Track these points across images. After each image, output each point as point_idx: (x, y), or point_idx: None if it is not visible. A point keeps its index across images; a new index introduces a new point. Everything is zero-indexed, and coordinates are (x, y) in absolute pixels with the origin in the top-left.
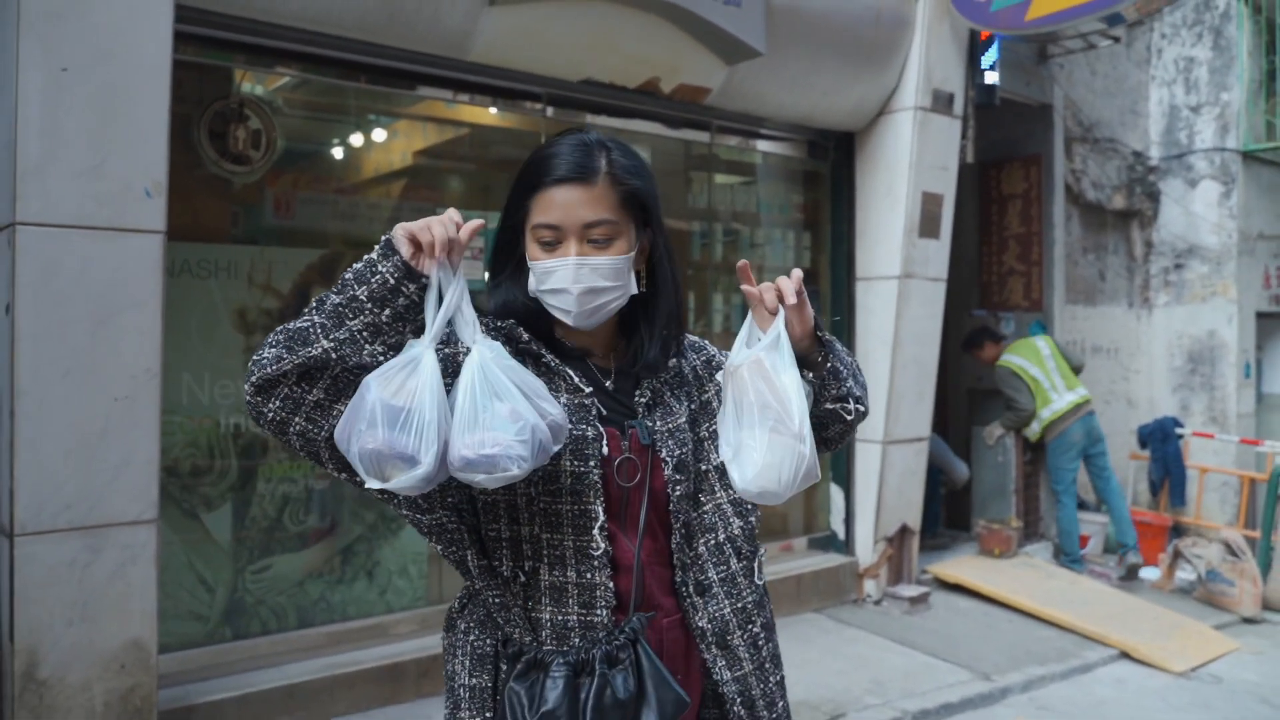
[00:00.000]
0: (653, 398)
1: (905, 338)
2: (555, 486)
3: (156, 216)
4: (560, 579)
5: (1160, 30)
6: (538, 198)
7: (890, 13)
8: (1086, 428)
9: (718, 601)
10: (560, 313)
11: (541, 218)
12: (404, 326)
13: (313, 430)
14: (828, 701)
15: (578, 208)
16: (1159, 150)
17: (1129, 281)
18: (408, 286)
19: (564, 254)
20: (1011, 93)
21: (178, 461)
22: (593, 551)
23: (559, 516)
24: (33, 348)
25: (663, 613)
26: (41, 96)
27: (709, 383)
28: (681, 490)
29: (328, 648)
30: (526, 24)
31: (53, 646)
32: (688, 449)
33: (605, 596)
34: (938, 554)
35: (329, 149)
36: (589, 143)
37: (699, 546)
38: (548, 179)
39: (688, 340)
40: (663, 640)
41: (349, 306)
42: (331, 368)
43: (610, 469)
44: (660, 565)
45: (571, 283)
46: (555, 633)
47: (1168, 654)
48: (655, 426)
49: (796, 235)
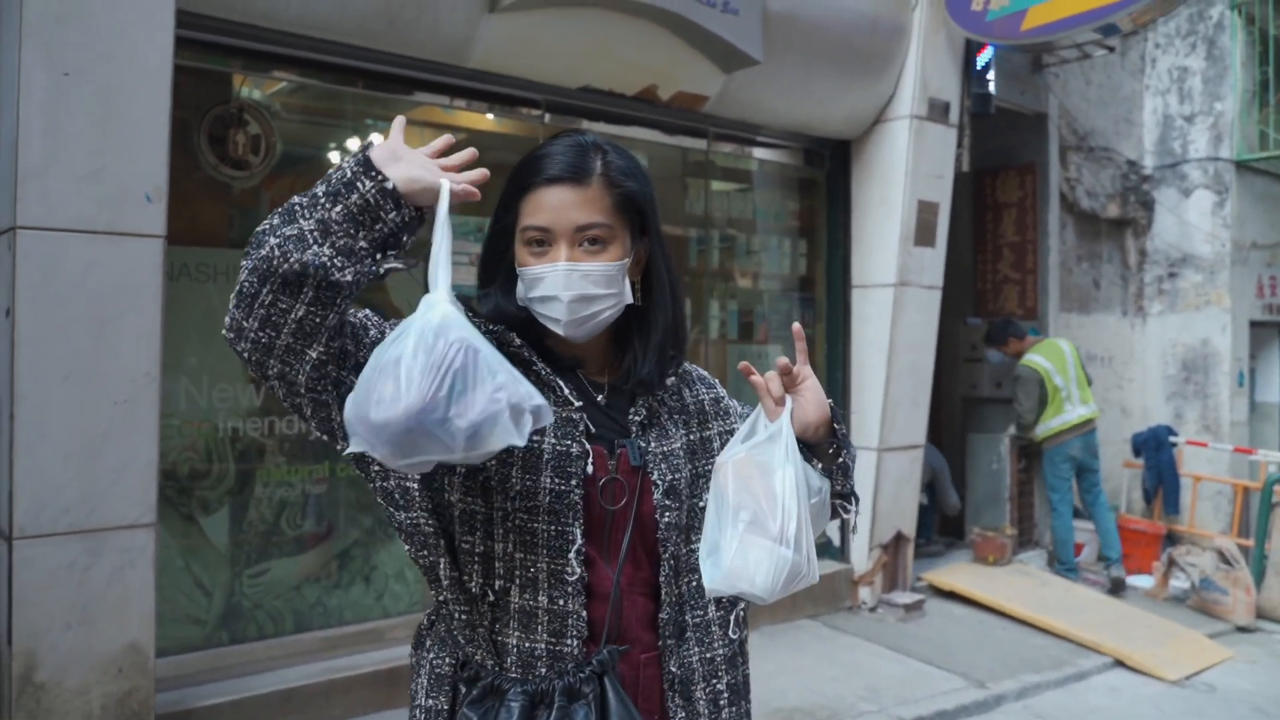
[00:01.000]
0: (648, 417)
1: (901, 345)
2: (533, 504)
3: (156, 221)
4: (530, 603)
5: (1155, 40)
6: (528, 199)
7: (887, 22)
8: (1086, 444)
9: (688, 647)
10: (549, 321)
11: (531, 219)
12: (357, 233)
13: (290, 372)
14: (822, 709)
15: (569, 210)
16: (1153, 159)
17: (1123, 290)
18: (393, 212)
19: (554, 259)
20: (1007, 102)
21: (176, 465)
22: (567, 577)
23: (534, 536)
24: (33, 351)
25: (640, 647)
26: (43, 100)
27: (713, 420)
28: (671, 518)
29: (324, 652)
30: (525, 31)
31: (51, 650)
32: (681, 476)
33: (577, 626)
34: (933, 561)
35: (327, 154)
36: (584, 144)
37: (683, 585)
38: (539, 179)
39: (697, 372)
40: (639, 677)
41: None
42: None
43: (594, 489)
44: (642, 596)
45: (561, 289)
46: (520, 660)
47: (1161, 662)
48: (649, 447)
49: (792, 242)
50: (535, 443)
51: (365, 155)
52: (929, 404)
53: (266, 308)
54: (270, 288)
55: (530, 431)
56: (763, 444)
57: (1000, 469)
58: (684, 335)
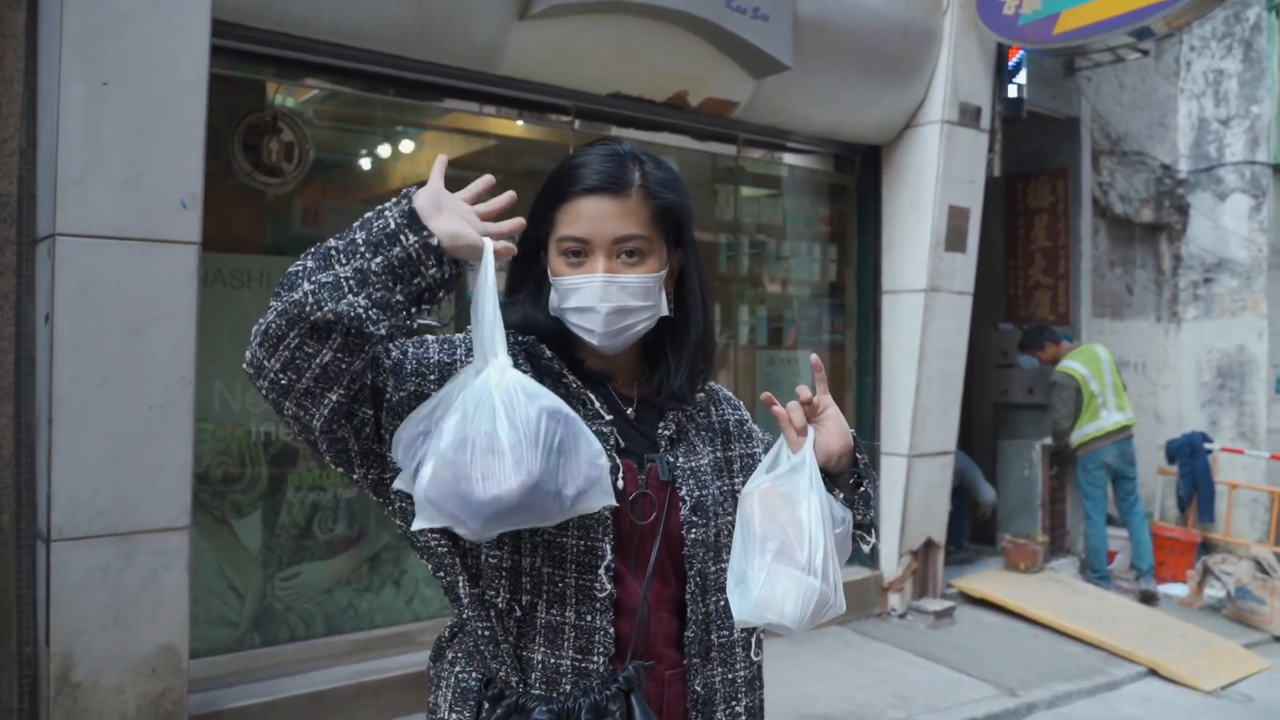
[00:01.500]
0: (677, 432)
1: (931, 351)
2: None
3: (192, 227)
4: (558, 619)
5: (1189, 43)
6: (565, 208)
7: (918, 27)
8: (1121, 451)
9: (713, 667)
10: (584, 333)
11: (568, 230)
12: (395, 285)
13: (306, 415)
14: (850, 715)
15: (608, 221)
16: (1188, 163)
17: (1157, 295)
18: (436, 268)
19: (591, 270)
20: (1038, 106)
21: (209, 469)
22: (597, 593)
23: (563, 551)
24: (71, 356)
25: (665, 664)
26: (82, 110)
27: (735, 442)
28: (699, 534)
29: (354, 655)
30: (556, 38)
31: (87, 650)
32: (709, 492)
33: (604, 643)
34: (963, 568)
35: (359, 160)
36: (622, 153)
37: (710, 604)
38: (576, 188)
39: (723, 392)
40: (664, 694)
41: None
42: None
43: (623, 504)
44: (668, 613)
45: (599, 301)
46: (545, 676)
47: (1196, 672)
48: (677, 462)
49: (822, 248)
50: None
51: (410, 207)
52: (959, 410)
53: (292, 350)
54: (298, 332)
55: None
56: (787, 474)
57: (1032, 475)
58: (713, 348)
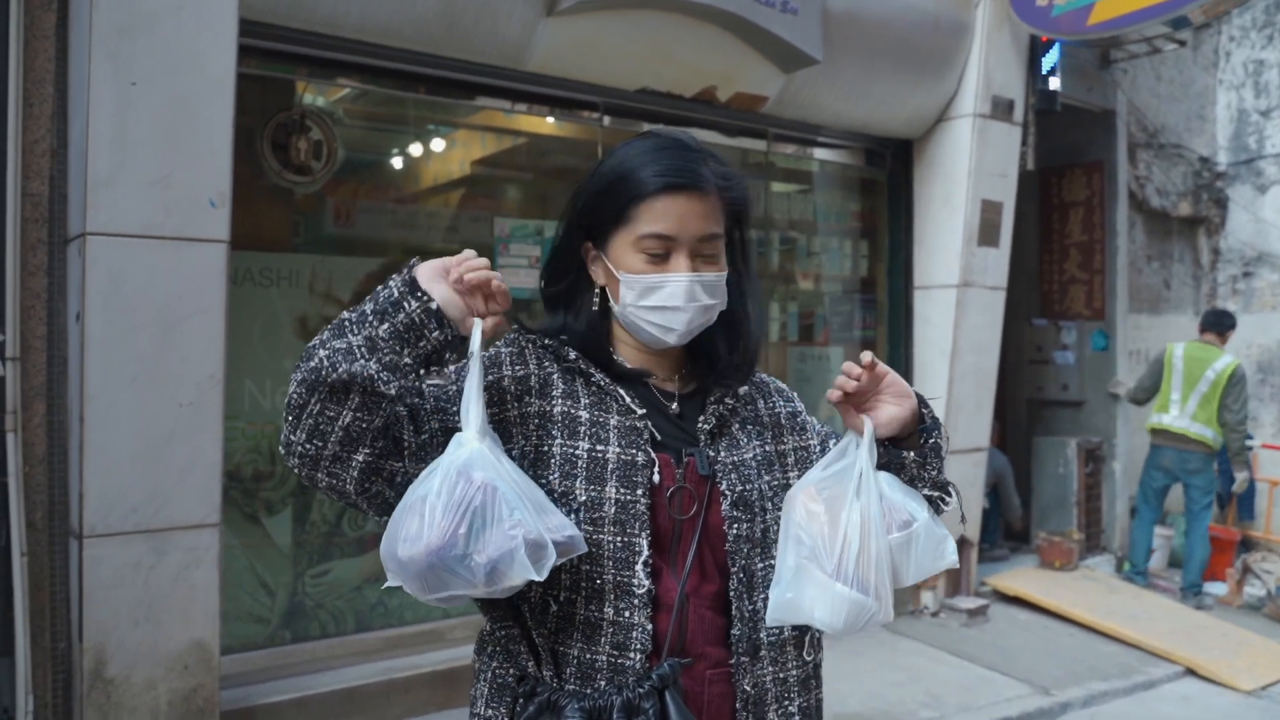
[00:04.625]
0: (718, 425)
1: (964, 347)
2: (598, 515)
3: (221, 226)
4: (595, 615)
5: (1229, 33)
6: (644, 206)
7: (949, 19)
8: (1180, 460)
9: (763, 666)
10: (661, 330)
11: (652, 227)
12: (404, 350)
13: (338, 482)
14: (881, 714)
15: (693, 219)
16: (1227, 156)
17: (1195, 290)
18: (438, 332)
19: (675, 268)
20: (1073, 98)
21: (240, 466)
22: (635, 589)
23: (600, 548)
24: (102, 354)
25: (707, 663)
26: (112, 110)
27: (788, 435)
28: (741, 530)
29: (385, 652)
30: (583, 34)
31: (119, 646)
32: (752, 486)
33: (641, 639)
34: (997, 566)
35: (388, 159)
36: (692, 148)
37: (758, 601)
38: (658, 184)
39: (775, 384)
40: (704, 694)
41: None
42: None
43: (661, 498)
44: (711, 610)
45: (685, 300)
46: (580, 671)
47: (1236, 672)
48: (718, 456)
49: (854, 244)
50: (600, 452)
51: (411, 275)
52: (993, 407)
53: (314, 417)
54: (318, 396)
55: (553, 564)
56: (834, 476)
57: (1067, 473)
58: (759, 339)
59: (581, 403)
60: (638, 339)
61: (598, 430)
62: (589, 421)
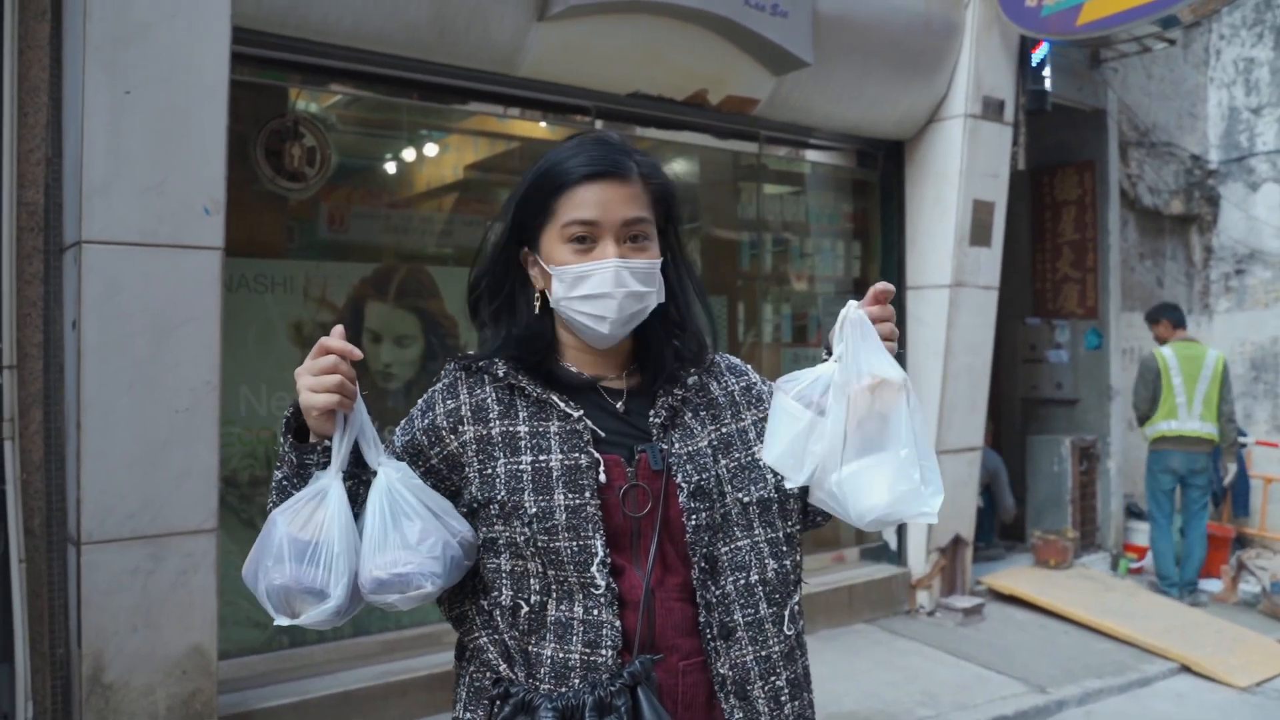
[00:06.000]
0: (669, 417)
1: (957, 347)
2: (551, 524)
3: (215, 233)
4: (567, 614)
5: (1219, 31)
6: (567, 196)
7: (939, 20)
8: (1189, 461)
9: (740, 647)
10: (595, 320)
11: (575, 214)
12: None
13: None
14: (878, 713)
15: (617, 204)
16: (1218, 153)
17: (1188, 288)
18: (309, 457)
19: (602, 255)
20: (1064, 98)
21: (236, 472)
22: (593, 590)
23: (558, 554)
24: (98, 362)
25: (679, 655)
26: (106, 118)
27: (745, 410)
28: (700, 520)
29: (382, 656)
30: (574, 39)
31: (118, 652)
32: (708, 475)
33: (611, 636)
34: (992, 565)
35: (382, 164)
36: (612, 141)
37: (726, 585)
38: (578, 174)
39: (727, 362)
40: (679, 685)
41: (280, 485)
42: None
43: (614, 498)
44: (679, 602)
45: (613, 286)
46: (554, 671)
47: (1230, 668)
48: (671, 449)
49: (846, 244)
50: (543, 462)
51: (293, 445)
52: (986, 406)
53: None
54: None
55: (308, 615)
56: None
57: (1061, 471)
58: (709, 329)
59: (519, 417)
60: (581, 338)
61: (538, 441)
62: (529, 434)
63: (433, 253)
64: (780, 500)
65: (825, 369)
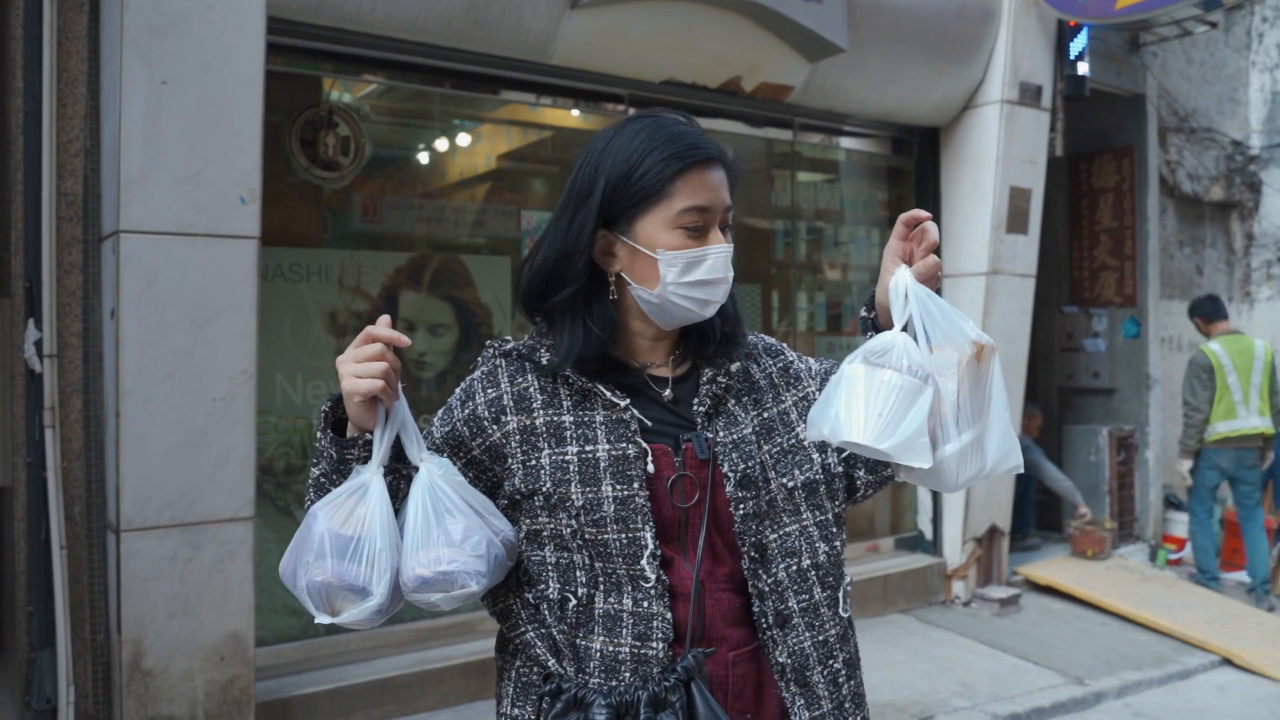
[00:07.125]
0: (713, 406)
1: (993, 335)
2: (599, 515)
3: (251, 223)
4: (616, 607)
5: (1261, 14)
6: (683, 179)
7: (975, 4)
8: (1239, 459)
9: (798, 634)
10: (701, 305)
11: (693, 200)
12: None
13: None
14: (914, 704)
15: (721, 190)
16: (1260, 139)
17: (1228, 275)
18: (350, 451)
19: (714, 241)
20: (1102, 83)
21: (272, 460)
22: (643, 583)
23: (607, 546)
24: (136, 351)
25: (728, 645)
26: (144, 109)
27: (785, 391)
28: (748, 509)
29: (417, 644)
30: (608, 26)
31: (157, 638)
32: (754, 462)
33: (662, 628)
34: (1029, 555)
35: (415, 154)
36: (693, 124)
37: (778, 572)
38: (694, 157)
39: (763, 343)
40: (728, 676)
41: (318, 481)
42: None
43: (661, 488)
44: (728, 592)
45: (723, 271)
46: (604, 665)
47: (1273, 661)
48: (716, 438)
49: (881, 233)
50: (589, 453)
51: (334, 439)
52: (1023, 396)
53: None
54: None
55: (349, 614)
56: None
57: (1099, 461)
58: (738, 313)
59: (564, 406)
60: (657, 322)
61: (584, 430)
62: (574, 424)
63: (466, 242)
64: (827, 481)
65: (892, 338)
